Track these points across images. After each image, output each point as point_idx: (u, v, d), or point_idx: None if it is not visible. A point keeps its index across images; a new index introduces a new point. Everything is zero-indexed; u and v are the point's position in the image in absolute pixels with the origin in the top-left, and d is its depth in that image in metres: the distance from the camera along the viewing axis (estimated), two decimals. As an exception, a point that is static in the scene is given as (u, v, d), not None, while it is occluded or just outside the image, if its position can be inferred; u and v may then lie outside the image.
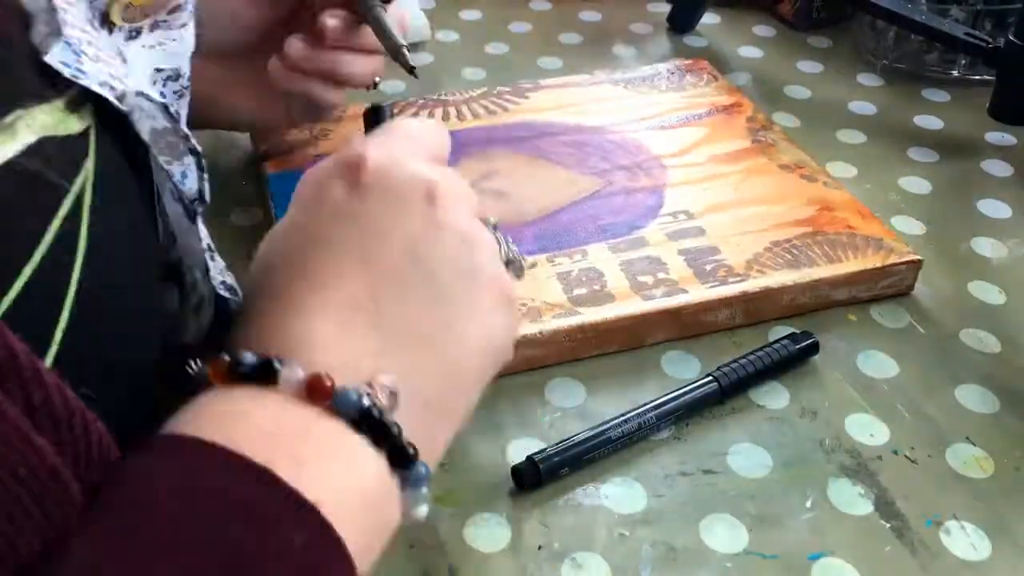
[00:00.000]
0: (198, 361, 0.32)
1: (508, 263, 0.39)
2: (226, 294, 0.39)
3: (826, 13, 0.83)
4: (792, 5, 0.84)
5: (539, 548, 0.41)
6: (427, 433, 0.32)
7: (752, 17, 0.86)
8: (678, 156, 0.63)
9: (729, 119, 0.67)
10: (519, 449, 0.46)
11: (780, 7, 0.85)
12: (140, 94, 0.31)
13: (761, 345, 0.50)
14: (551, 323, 0.50)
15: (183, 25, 0.38)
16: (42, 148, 0.27)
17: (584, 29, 0.84)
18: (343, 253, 0.33)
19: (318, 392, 0.29)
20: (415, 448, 0.30)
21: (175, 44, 0.39)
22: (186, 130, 0.33)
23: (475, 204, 0.38)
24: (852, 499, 0.44)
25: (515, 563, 0.41)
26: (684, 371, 0.50)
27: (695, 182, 0.60)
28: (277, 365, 0.29)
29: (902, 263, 0.54)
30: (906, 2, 0.72)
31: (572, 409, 0.48)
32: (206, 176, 0.36)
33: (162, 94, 0.41)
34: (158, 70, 0.39)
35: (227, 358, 0.30)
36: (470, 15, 0.85)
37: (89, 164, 0.29)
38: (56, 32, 0.28)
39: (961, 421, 0.48)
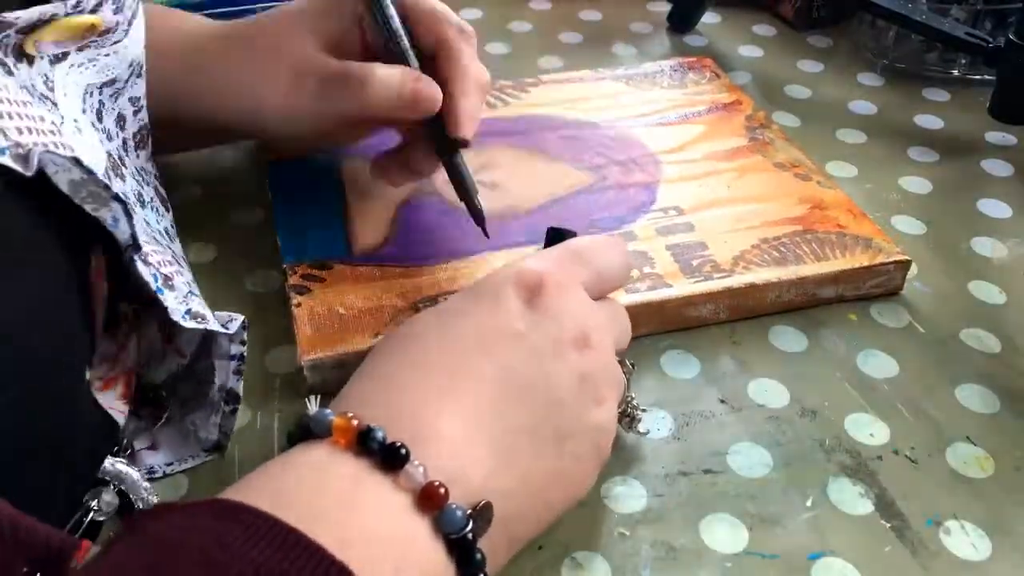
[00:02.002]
0: (316, 399, 0.33)
1: (623, 414, 0.43)
2: (189, 324, 0.38)
3: (826, 13, 0.83)
4: (792, 5, 0.83)
5: (539, 548, 0.41)
6: (496, 561, 0.33)
7: (752, 17, 0.86)
8: (674, 152, 0.63)
9: (728, 117, 0.67)
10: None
11: (780, 7, 0.85)
12: (47, 151, 0.30)
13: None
14: None
15: (116, 43, 0.38)
16: None
17: (584, 29, 0.84)
18: (494, 364, 0.35)
19: (430, 501, 0.30)
20: None
21: (108, 59, 0.38)
22: (105, 180, 0.33)
23: (623, 341, 0.42)
24: (852, 499, 0.44)
25: (515, 563, 0.41)
26: (683, 371, 0.50)
27: (689, 179, 0.61)
28: (404, 454, 0.30)
29: (890, 263, 0.54)
30: (906, 2, 0.72)
31: (572, 409, 0.48)
32: (135, 221, 0.35)
33: (100, 103, 0.40)
34: (90, 84, 0.39)
35: (355, 422, 0.31)
36: (470, 14, 0.85)
37: None
38: None
39: (961, 421, 0.48)
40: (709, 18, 0.85)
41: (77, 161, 0.31)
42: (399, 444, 0.30)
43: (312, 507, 0.28)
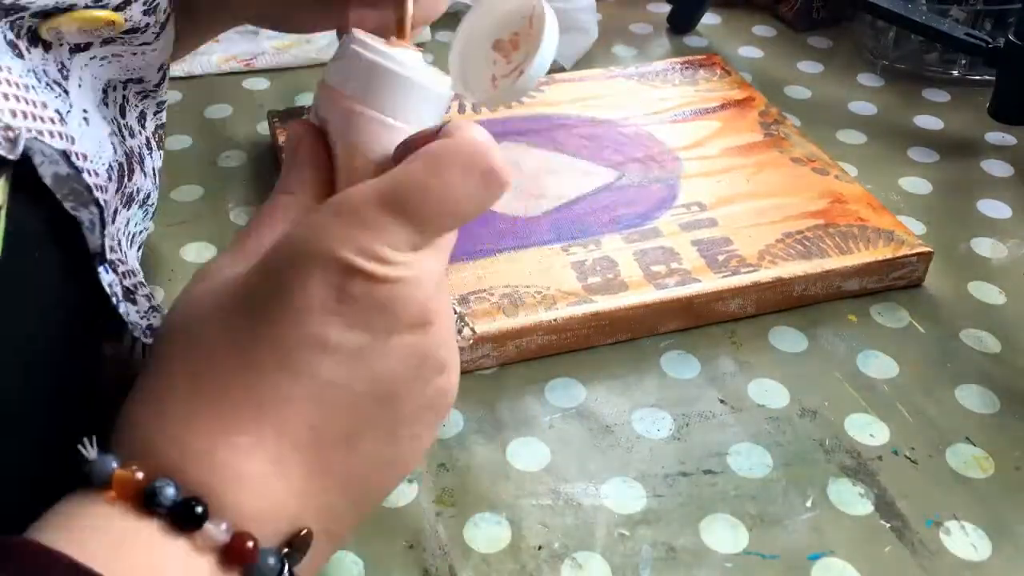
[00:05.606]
0: (93, 440, 0.27)
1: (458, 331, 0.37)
2: (150, 341, 0.36)
3: (826, 13, 0.83)
4: (792, 5, 0.83)
5: (539, 548, 0.41)
6: (318, 563, 0.30)
7: (752, 17, 0.86)
8: (691, 149, 0.64)
9: (741, 113, 0.67)
10: (519, 449, 0.46)
11: (780, 7, 0.85)
12: (37, 138, 0.29)
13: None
14: (566, 311, 0.50)
15: (144, 44, 0.37)
16: None
17: (584, 29, 0.84)
18: (301, 382, 0.28)
19: (237, 556, 0.26)
20: None
21: (135, 59, 0.37)
22: (88, 180, 0.31)
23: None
24: (852, 499, 0.44)
25: (515, 563, 0.41)
26: (684, 371, 0.50)
27: (708, 174, 0.61)
28: (200, 513, 0.26)
29: (913, 255, 0.55)
30: (906, 2, 0.72)
31: (572, 409, 0.48)
32: (107, 232, 0.33)
33: (124, 98, 0.40)
34: (112, 79, 0.38)
35: (140, 475, 0.26)
36: (470, 15, 0.85)
37: None
38: None
39: (961, 421, 0.48)
40: (709, 18, 0.85)
41: (65, 155, 0.30)
42: (193, 501, 0.26)
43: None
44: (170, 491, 0.26)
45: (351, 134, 0.33)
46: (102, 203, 0.32)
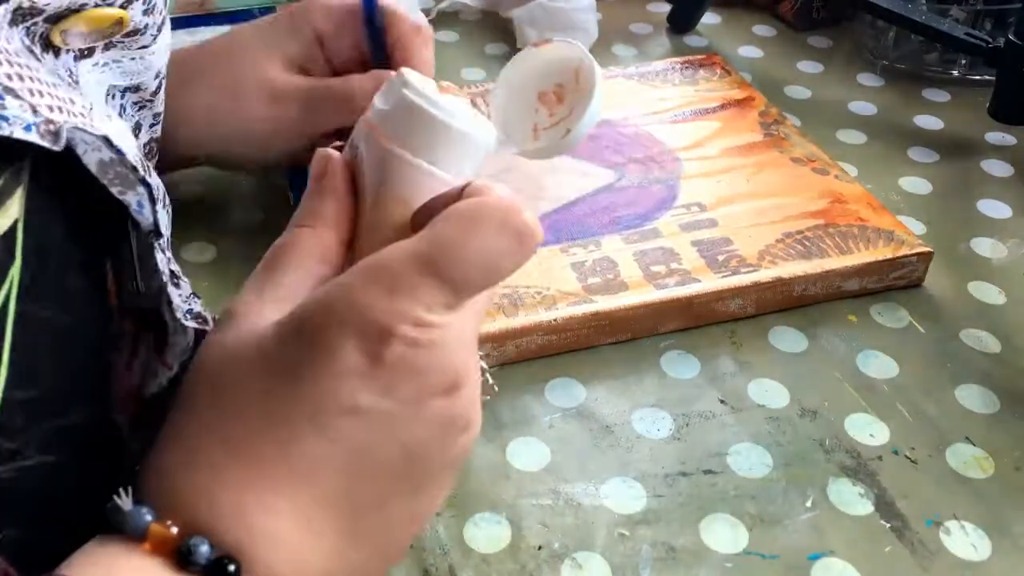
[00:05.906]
0: (129, 491, 0.28)
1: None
2: (192, 324, 0.36)
3: (826, 13, 0.83)
4: (792, 5, 0.83)
5: (539, 548, 0.41)
6: None
7: (752, 17, 0.86)
8: (691, 149, 0.64)
9: (741, 113, 0.67)
10: (519, 449, 0.46)
11: (780, 7, 0.85)
12: (77, 127, 0.29)
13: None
14: (566, 311, 0.50)
15: (143, 47, 0.37)
16: None
17: (584, 29, 0.84)
18: (333, 446, 0.29)
19: None
20: None
21: (133, 63, 0.37)
22: (134, 160, 0.31)
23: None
24: (852, 499, 0.44)
25: (515, 563, 0.41)
26: (684, 371, 0.50)
27: (708, 175, 0.61)
28: (234, 572, 0.27)
29: (913, 255, 0.55)
30: (906, 2, 0.72)
31: (572, 409, 0.48)
32: (159, 208, 0.33)
33: (122, 107, 0.40)
34: (114, 86, 0.38)
35: (174, 530, 0.27)
36: (470, 15, 0.85)
37: (14, 270, 0.27)
38: None
39: (961, 421, 0.48)
40: (709, 18, 0.85)
41: (107, 140, 0.30)
42: (227, 560, 0.27)
43: None
44: (204, 549, 0.27)
45: (388, 176, 0.32)
46: (149, 180, 0.32)
